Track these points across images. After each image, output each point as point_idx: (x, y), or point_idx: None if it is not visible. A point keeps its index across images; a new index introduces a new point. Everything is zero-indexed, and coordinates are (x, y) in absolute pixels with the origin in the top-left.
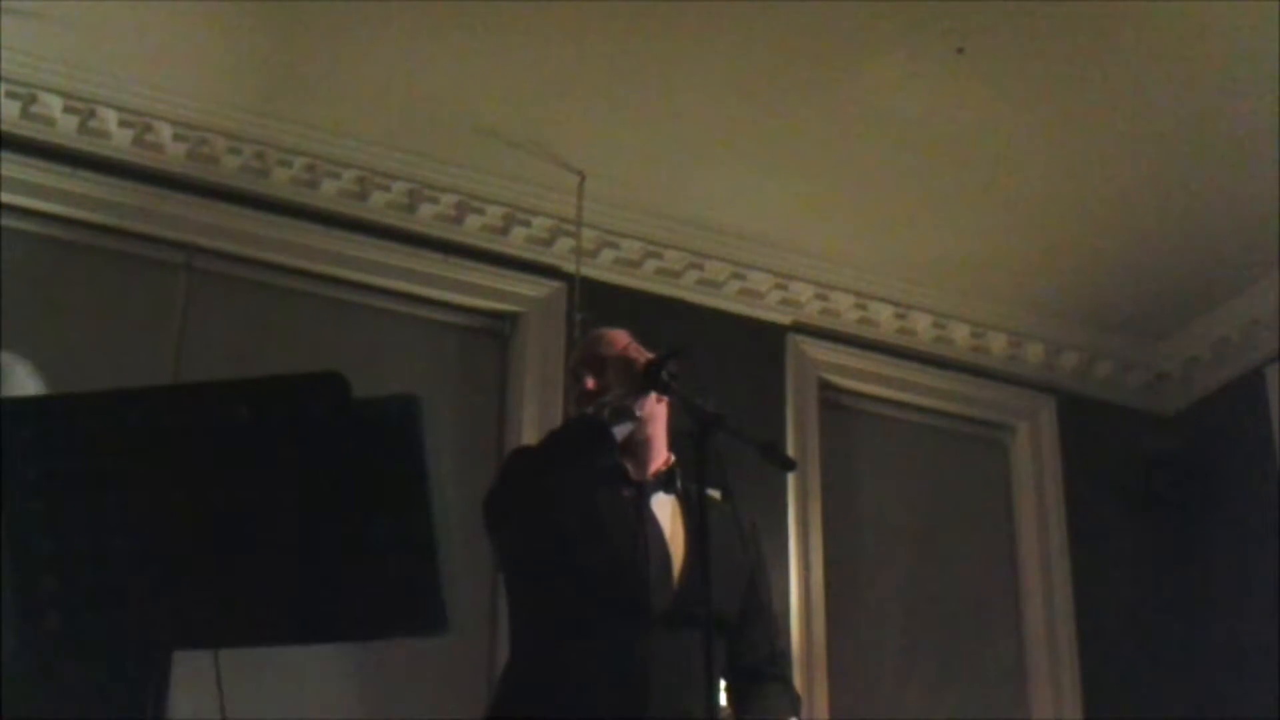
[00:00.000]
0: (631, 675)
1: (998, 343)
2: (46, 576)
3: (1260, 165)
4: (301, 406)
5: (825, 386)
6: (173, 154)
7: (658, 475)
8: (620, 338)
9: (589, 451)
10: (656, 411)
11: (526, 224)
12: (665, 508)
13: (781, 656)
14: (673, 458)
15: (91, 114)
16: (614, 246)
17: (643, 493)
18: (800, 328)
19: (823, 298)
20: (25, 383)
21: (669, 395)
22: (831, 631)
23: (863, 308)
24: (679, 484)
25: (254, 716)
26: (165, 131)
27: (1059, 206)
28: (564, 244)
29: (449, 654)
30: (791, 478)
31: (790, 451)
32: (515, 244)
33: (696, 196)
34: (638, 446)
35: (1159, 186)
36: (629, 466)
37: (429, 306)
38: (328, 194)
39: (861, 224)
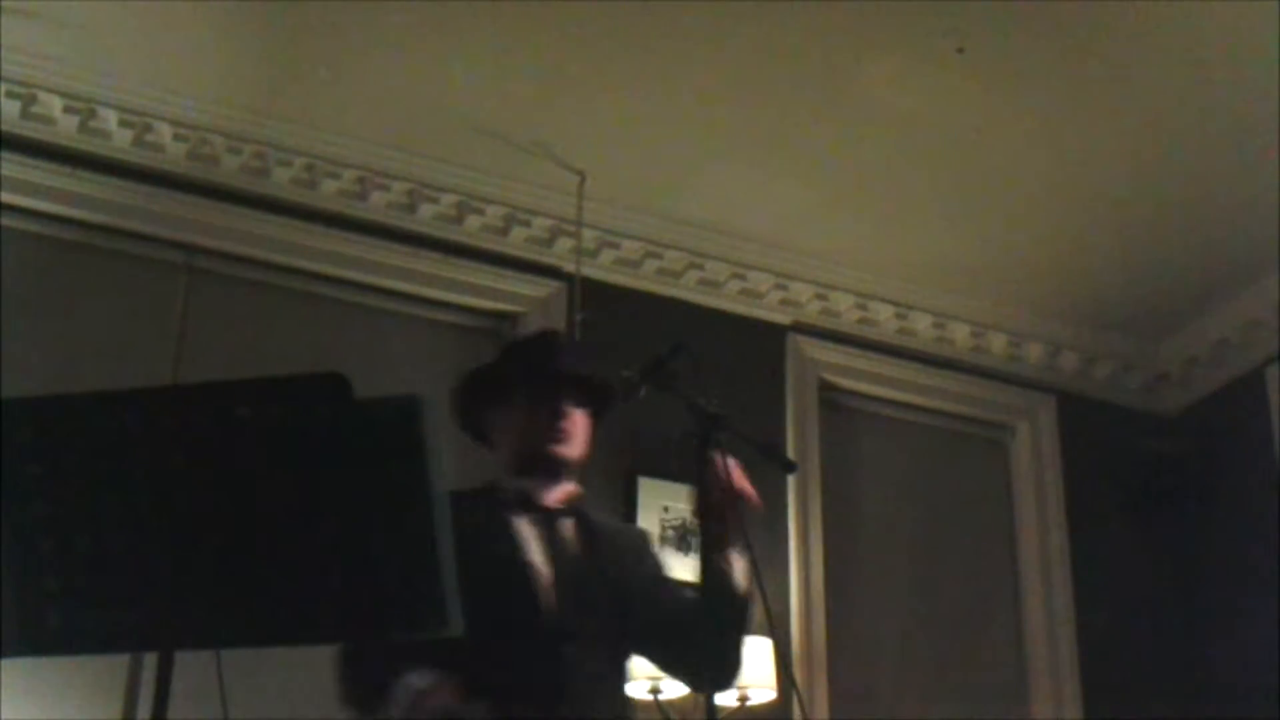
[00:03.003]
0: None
1: (998, 343)
2: (46, 576)
3: (1260, 165)
4: (303, 407)
5: (825, 386)
6: (173, 154)
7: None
8: None
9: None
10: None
11: (526, 224)
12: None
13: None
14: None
15: (91, 114)
16: (614, 246)
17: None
18: (800, 328)
19: (823, 298)
20: None
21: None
22: (831, 631)
23: (863, 308)
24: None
25: (254, 716)
26: (165, 131)
27: (1059, 206)
28: (564, 244)
29: None
30: (791, 478)
31: (790, 451)
32: (515, 244)
33: (696, 196)
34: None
35: (1159, 186)
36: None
37: (429, 306)
38: (328, 194)
39: (861, 224)
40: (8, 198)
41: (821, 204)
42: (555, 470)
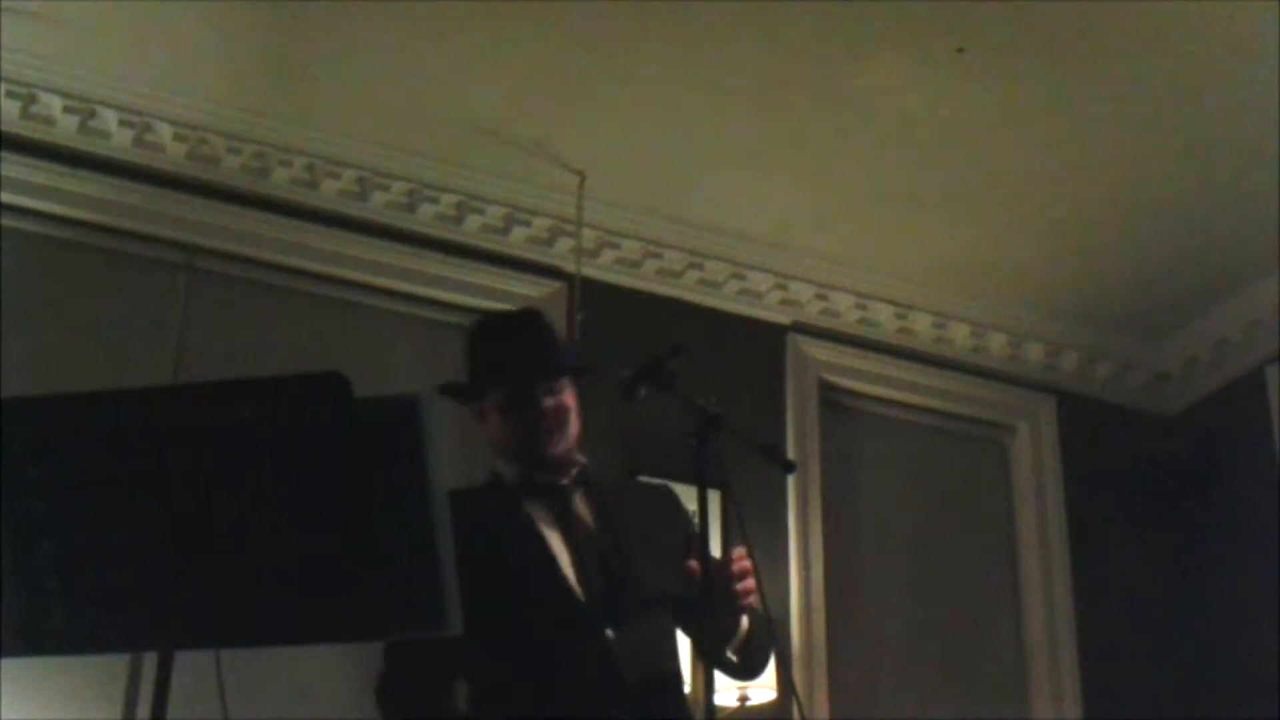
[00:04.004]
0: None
1: (998, 343)
2: (46, 576)
3: (1260, 165)
4: (302, 407)
5: (825, 386)
6: (173, 154)
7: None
8: None
9: None
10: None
11: (526, 224)
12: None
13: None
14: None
15: (91, 114)
16: (614, 246)
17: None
18: (800, 328)
19: (823, 298)
20: None
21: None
22: (831, 631)
23: (863, 308)
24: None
25: (254, 716)
26: (165, 131)
27: (1059, 206)
28: (564, 244)
29: None
30: (791, 478)
31: (790, 451)
32: (515, 244)
33: (696, 196)
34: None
35: (1159, 186)
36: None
37: (429, 306)
38: (328, 194)
39: (861, 224)
40: (8, 198)
41: (821, 204)
42: (554, 468)
